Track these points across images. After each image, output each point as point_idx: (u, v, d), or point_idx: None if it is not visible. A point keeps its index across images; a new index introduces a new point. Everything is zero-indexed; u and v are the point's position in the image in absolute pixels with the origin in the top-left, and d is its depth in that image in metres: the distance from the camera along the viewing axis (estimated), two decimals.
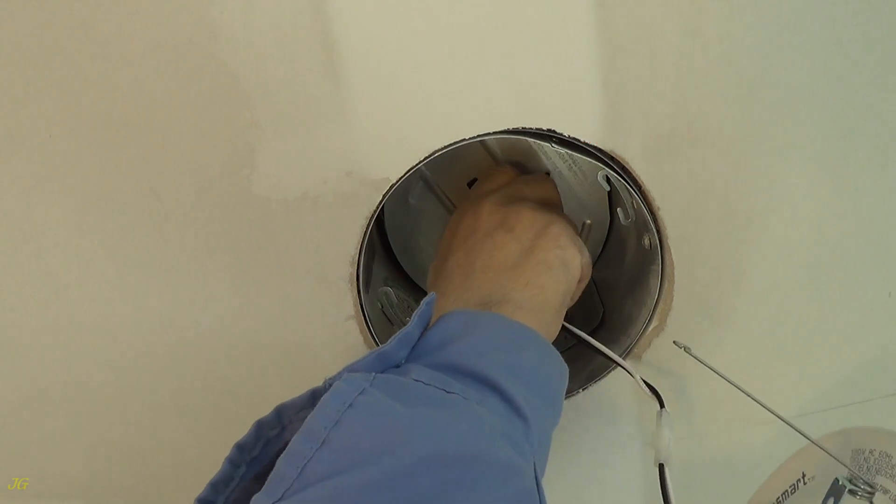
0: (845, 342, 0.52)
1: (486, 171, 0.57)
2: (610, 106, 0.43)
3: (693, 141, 0.45)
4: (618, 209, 0.55)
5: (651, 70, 0.42)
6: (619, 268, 0.58)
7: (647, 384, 0.47)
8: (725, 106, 0.44)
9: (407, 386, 0.34)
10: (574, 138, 0.45)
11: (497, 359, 0.37)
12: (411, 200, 0.59)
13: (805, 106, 0.44)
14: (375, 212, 0.45)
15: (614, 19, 0.41)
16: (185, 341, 0.48)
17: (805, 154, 0.46)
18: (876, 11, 0.42)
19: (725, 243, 0.48)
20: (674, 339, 0.51)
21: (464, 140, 0.44)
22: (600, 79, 0.43)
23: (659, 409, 0.46)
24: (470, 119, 0.43)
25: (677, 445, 0.53)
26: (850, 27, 0.42)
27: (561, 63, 0.42)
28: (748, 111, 0.44)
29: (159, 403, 0.50)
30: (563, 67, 0.42)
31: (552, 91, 0.43)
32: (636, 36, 0.42)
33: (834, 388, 0.53)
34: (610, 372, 0.53)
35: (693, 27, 0.42)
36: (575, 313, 0.60)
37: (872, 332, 0.52)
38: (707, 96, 0.43)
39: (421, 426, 0.31)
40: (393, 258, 0.61)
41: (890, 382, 0.53)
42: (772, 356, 0.52)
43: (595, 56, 0.42)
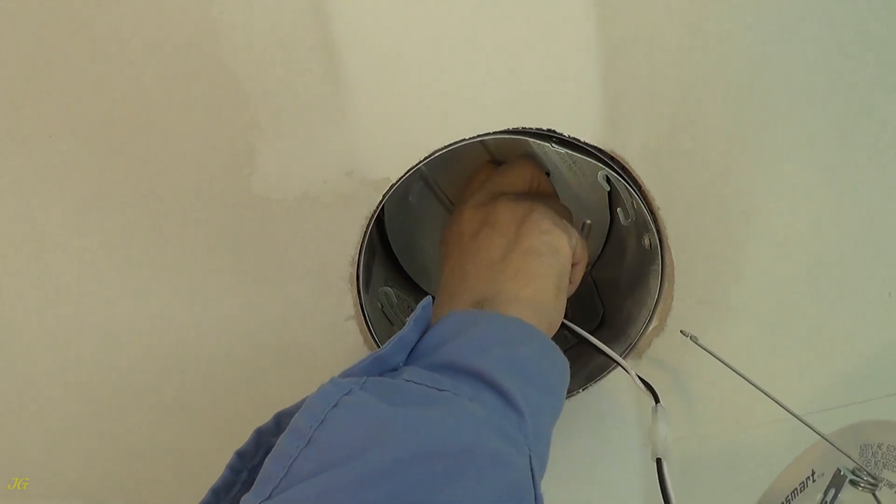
0: (845, 342, 0.52)
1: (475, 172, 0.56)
2: (610, 106, 0.43)
3: (693, 141, 0.45)
4: (618, 209, 0.55)
5: (651, 70, 0.42)
6: (619, 268, 0.58)
7: (642, 380, 0.47)
8: (725, 106, 0.44)
9: (397, 386, 0.34)
10: (574, 138, 0.45)
11: (492, 354, 0.37)
12: (411, 200, 0.59)
13: (805, 106, 0.44)
14: (375, 212, 0.45)
15: (614, 19, 0.41)
16: (185, 341, 0.48)
17: (805, 154, 0.46)
18: (876, 11, 0.42)
19: (725, 243, 0.48)
20: (674, 340, 0.51)
21: (464, 140, 0.44)
22: (600, 79, 0.43)
23: (654, 404, 0.46)
24: (470, 119, 0.43)
25: (679, 444, 0.54)
26: (850, 27, 0.42)
27: (561, 63, 0.42)
28: (748, 111, 0.44)
29: (159, 403, 0.50)
30: (563, 67, 0.42)
31: (552, 91, 0.43)
32: (636, 36, 0.42)
33: (834, 388, 0.53)
34: (610, 372, 0.53)
35: (693, 27, 0.42)
36: (575, 313, 0.60)
37: (872, 332, 0.52)
38: (707, 96, 0.43)
39: (406, 423, 0.31)
40: (393, 258, 0.61)
41: (890, 382, 0.53)
42: (771, 356, 0.52)
43: (595, 56, 0.42)
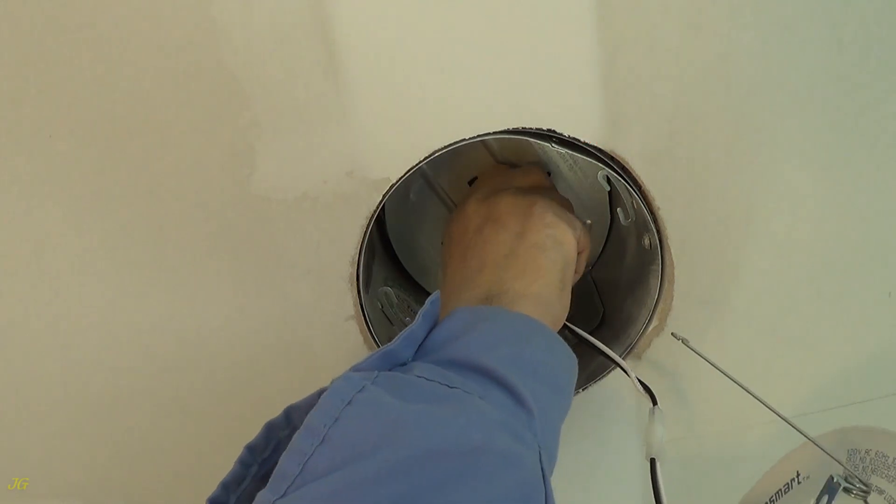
0: (845, 342, 0.52)
1: (484, 174, 0.57)
2: (610, 106, 0.43)
3: (693, 141, 0.45)
4: (618, 209, 0.55)
5: (651, 70, 0.42)
6: (619, 268, 0.58)
7: (640, 382, 0.47)
8: (725, 106, 0.44)
9: (408, 382, 0.34)
10: (574, 138, 0.45)
11: (501, 352, 0.37)
12: (412, 199, 0.59)
13: (805, 106, 0.44)
14: (375, 212, 0.45)
15: (614, 19, 0.41)
16: (185, 341, 0.48)
17: (805, 154, 0.46)
18: (876, 11, 0.42)
19: (725, 243, 0.48)
20: (674, 340, 0.51)
21: (464, 140, 0.44)
22: (600, 79, 0.43)
23: (652, 406, 0.46)
24: (470, 119, 0.43)
25: (676, 444, 0.54)
26: (850, 27, 0.42)
27: (561, 63, 0.42)
28: (748, 111, 0.44)
29: (159, 403, 0.50)
30: (563, 67, 0.42)
31: (552, 91, 0.43)
32: (636, 36, 0.42)
33: (834, 388, 0.53)
34: (610, 372, 0.53)
35: (693, 27, 0.42)
36: (575, 313, 0.60)
37: (872, 332, 0.52)
38: (707, 96, 0.43)
39: (419, 420, 0.32)
40: (393, 258, 0.61)
41: (890, 382, 0.53)
42: (771, 356, 0.52)
43: (595, 56, 0.42)
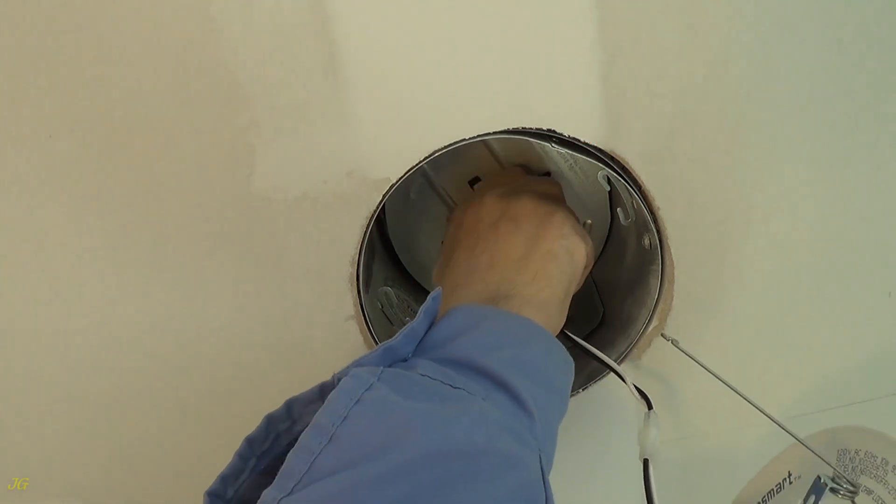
0: (845, 342, 0.52)
1: (492, 172, 0.57)
2: (610, 106, 0.43)
3: (693, 141, 0.45)
4: (618, 209, 0.55)
5: (651, 70, 0.42)
6: (619, 268, 0.58)
7: (636, 388, 0.47)
8: (725, 106, 0.44)
9: (413, 380, 0.35)
10: (574, 138, 0.45)
11: (503, 354, 0.37)
12: (412, 198, 0.59)
13: (805, 106, 0.44)
14: (375, 212, 0.45)
15: (614, 19, 0.41)
16: (185, 341, 0.48)
17: (805, 154, 0.46)
18: (876, 11, 0.42)
19: (725, 243, 0.48)
20: (672, 337, 0.51)
21: (464, 140, 0.44)
22: (600, 79, 0.43)
23: (647, 410, 0.46)
24: (470, 119, 0.43)
25: (675, 444, 0.54)
26: (850, 27, 0.42)
27: (561, 63, 0.42)
28: (748, 111, 0.44)
29: (159, 403, 0.50)
30: (563, 67, 0.42)
31: (552, 91, 0.43)
32: (636, 36, 0.42)
33: (834, 387, 0.53)
34: (609, 373, 0.53)
35: (693, 27, 0.42)
36: (575, 313, 0.60)
37: (872, 333, 0.52)
38: (707, 96, 0.43)
39: (425, 421, 0.32)
40: (393, 258, 0.61)
41: (890, 382, 0.53)
42: (771, 356, 0.52)
43: (595, 56, 0.42)
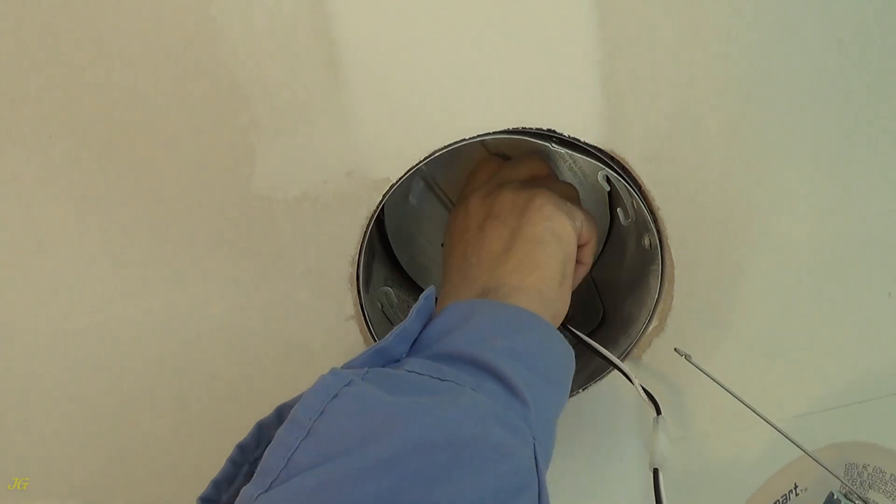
0: (845, 342, 0.52)
1: (473, 166, 0.56)
2: (610, 106, 0.43)
3: (693, 141, 0.45)
4: (618, 209, 0.55)
5: (651, 70, 0.42)
6: (619, 268, 0.58)
7: (644, 390, 0.46)
8: (725, 106, 0.44)
9: (399, 377, 0.34)
10: (574, 138, 0.45)
11: (495, 344, 0.37)
12: (411, 200, 0.59)
13: (805, 106, 0.44)
14: (375, 212, 0.45)
15: (614, 19, 0.41)
16: (185, 341, 0.48)
17: (805, 154, 0.46)
18: (876, 11, 0.42)
19: (725, 243, 0.48)
20: (674, 340, 0.51)
21: (464, 140, 0.44)
22: (600, 78, 0.43)
23: (655, 415, 0.46)
24: (470, 119, 0.43)
25: (675, 447, 0.53)
26: (850, 27, 0.42)
27: (561, 63, 0.42)
28: (748, 111, 0.44)
29: (159, 403, 0.50)
30: (563, 67, 0.42)
31: (552, 91, 0.43)
32: (636, 36, 0.42)
33: (834, 387, 0.53)
34: (610, 372, 0.53)
35: (693, 27, 0.42)
36: (575, 313, 0.60)
37: (872, 332, 0.52)
38: (707, 96, 0.43)
39: (408, 413, 0.31)
40: (393, 258, 0.61)
41: (890, 382, 0.53)
42: (771, 356, 0.52)
43: (595, 56, 0.42)
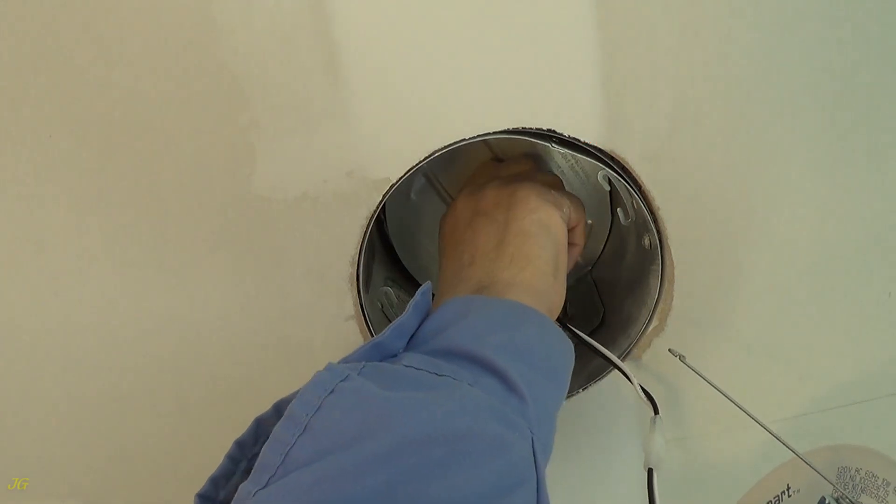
0: (845, 341, 0.52)
1: (475, 170, 0.57)
2: (610, 106, 0.43)
3: (693, 141, 0.45)
4: (618, 209, 0.55)
5: (651, 70, 0.42)
6: (619, 268, 0.58)
7: (643, 389, 0.46)
8: (725, 106, 0.44)
9: (396, 372, 0.34)
10: (574, 138, 0.45)
11: (492, 339, 0.37)
12: (413, 198, 0.59)
13: (805, 106, 0.44)
14: (375, 212, 0.45)
15: (614, 19, 0.41)
16: (185, 341, 0.48)
17: (805, 154, 0.46)
18: (876, 11, 0.42)
19: (725, 243, 0.48)
20: (674, 340, 0.51)
21: (464, 140, 0.44)
22: (600, 79, 0.43)
23: (653, 414, 0.46)
24: (470, 119, 0.43)
25: (673, 447, 0.54)
26: (850, 27, 0.42)
27: (561, 63, 0.42)
28: (748, 111, 0.44)
29: (159, 403, 0.50)
30: (563, 67, 0.42)
31: (552, 91, 0.43)
32: (636, 36, 0.42)
33: (834, 387, 0.53)
34: (610, 372, 0.53)
35: (693, 27, 0.42)
36: (575, 313, 0.60)
37: (872, 332, 0.52)
38: (707, 96, 0.43)
39: (404, 408, 0.31)
40: (393, 258, 0.61)
41: (890, 382, 0.53)
42: (771, 356, 0.52)
43: (595, 56, 0.42)
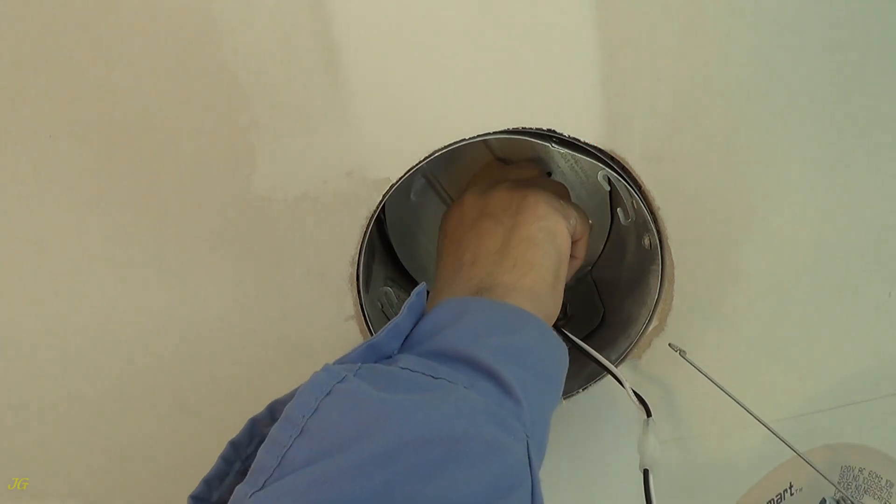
0: (845, 342, 0.52)
1: (480, 169, 0.57)
2: (610, 106, 0.43)
3: (693, 141, 0.45)
4: (618, 209, 0.55)
5: (651, 70, 0.42)
6: (619, 268, 0.58)
7: (635, 393, 0.46)
8: (725, 106, 0.44)
9: (392, 374, 0.34)
10: (574, 138, 0.45)
11: (488, 342, 0.37)
12: (413, 199, 0.59)
13: (805, 106, 0.44)
14: (375, 212, 0.45)
15: (614, 19, 0.41)
16: (185, 341, 0.48)
17: (805, 154, 0.46)
18: (876, 11, 0.42)
19: (725, 243, 0.48)
20: (673, 338, 0.51)
21: (464, 140, 0.44)
22: (600, 79, 0.43)
23: (646, 417, 0.46)
24: (470, 119, 0.43)
25: (673, 447, 0.54)
26: (850, 27, 0.42)
27: (561, 63, 0.42)
28: (748, 111, 0.44)
29: (159, 403, 0.50)
30: (563, 67, 0.42)
31: (552, 91, 0.43)
32: (636, 36, 0.42)
33: (834, 387, 0.53)
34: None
35: (693, 27, 0.42)
36: (575, 313, 0.60)
37: (872, 332, 0.52)
38: (707, 96, 0.43)
39: (400, 410, 0.31)
40: (393, 258, 0.61)
41: (890, 382, 0.53)
42: (772, 356, 0.52)
43: (595, 56, 0.42)
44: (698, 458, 0.56)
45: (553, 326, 0.46)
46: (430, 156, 0.44)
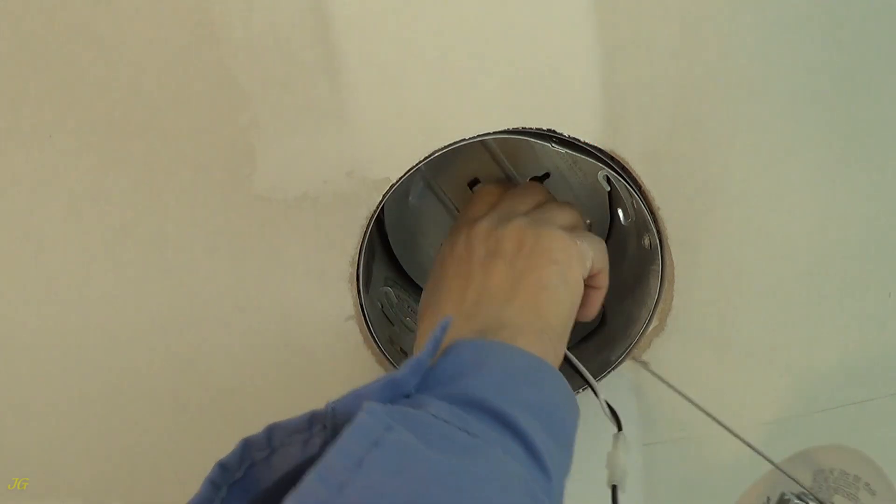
0: (845, 342, 0.52)
1: (475, 190, 0.55)
2: (610, 106, 0.43)
3: (693, 141, 0.45)
4: (618, 209, 0.55)
5: (651, 70, 0.42)
6: (619, 268, 0.58)
7: (608, 406, 0.45)
8: (725, 106, 0.44)
9: (428, 424, 0.32)
10: (574, 138, 0.45)
11: (515, 396, 0.35)
12: (412, 200, 0.59)
13: (805, 106, 0.44)
14: (375, 212, 0.45)
15: (614, 19, 0.41)
16: (185, 341, 0.48)
17: (805, 154, 0.46)
18: (876, 11, 0.42)
19: (725, 243, 0.48)
20: (674, 340, 0.51)
21: (464, 140, 0.44)
22: (600, 78, 0.43)
23: (616, 431, 0.45)
24: (470, 119, 0.43)
25: (672, 448, 0.53)
26: (850, 27, 0.42)
27: (561, 63, 0.42)
28: (748, 111, 0.44)
29: (159, 403, 0.50)
30: (562, 67, 0.42)
31: (552, 91, 0.43)
32: (636, 36, 0.42)
33: (834, 387, 0.53)
34: (607, 374, 0.53)
35: (693, 27, 0.42)
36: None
37: (872, 333, 0.52)
38: (707, 96, 0.43)
39: (449, 479, 0.29)
40: (393, 258, 0.61)
41: (890, 382, 0.53)
42: (772, 355, 0.52)
43: (595, 56, 0.42)
44: (697, 459, 0.56)
45: None
46: (430, 156, 0.44)
